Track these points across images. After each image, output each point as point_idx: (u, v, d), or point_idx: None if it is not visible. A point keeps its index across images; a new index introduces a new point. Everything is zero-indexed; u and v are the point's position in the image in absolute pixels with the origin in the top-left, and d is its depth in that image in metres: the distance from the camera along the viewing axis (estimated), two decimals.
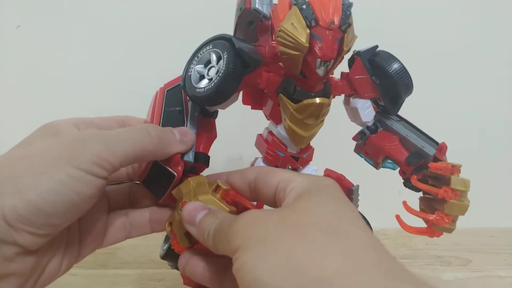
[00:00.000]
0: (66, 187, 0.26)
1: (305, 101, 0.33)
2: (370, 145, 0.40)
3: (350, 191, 0.41)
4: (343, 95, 0.39)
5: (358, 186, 0.42)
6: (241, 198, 0.32)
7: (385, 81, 0.35)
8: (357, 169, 0.41)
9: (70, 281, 0.49)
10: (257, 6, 0.33)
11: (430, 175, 0.37)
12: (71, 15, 0.61)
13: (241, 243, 0.24)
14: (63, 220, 0.28)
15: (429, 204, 0.38)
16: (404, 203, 0.38)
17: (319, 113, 0.34)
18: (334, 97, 0.37)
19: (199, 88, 0.32)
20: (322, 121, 0.36)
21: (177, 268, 0.40)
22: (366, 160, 0.41)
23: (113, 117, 0.35)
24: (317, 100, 0.33)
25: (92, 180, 0.27)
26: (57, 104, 0.61)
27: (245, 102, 0.38)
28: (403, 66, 0.35)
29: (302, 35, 0.29)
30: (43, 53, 0.62)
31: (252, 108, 0.39)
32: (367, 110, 0.39)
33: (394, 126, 0.39)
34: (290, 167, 0.39)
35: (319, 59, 0.30)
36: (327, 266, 0.21)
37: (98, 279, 0.50)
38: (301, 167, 0.39)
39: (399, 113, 0.40)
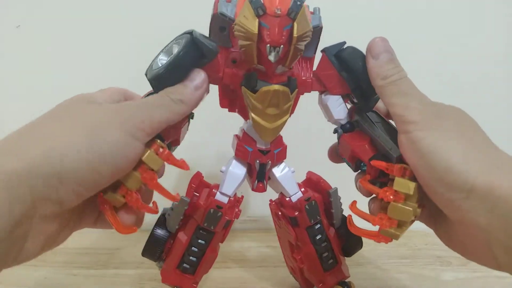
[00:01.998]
0: (117, 149, 0.30)
1: (263, 89, 0.35)
2: (342, 144, 0.40)
3: (328, 194, 0.41)
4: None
5: (336, 188, 0.42)
6: (172, 158, 0.34)
7: (353, 76, 0.36)
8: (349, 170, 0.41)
9: (71, 281, 0.49)
10: (222, 10, 0.34)
11: (392, 178, 0.35)
12: (71, 15, 0.61)
13: (421, 122, 0.32)
14: (106, 181, 0.31)
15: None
16: (353, 203, 0.37)
17: (278, 102, 0.35)
18: (302, 93, 0.39)
19: (155, 69, 0.34)
20: (286, 112, 0.37)
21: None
22: (344, 161, 0.41)
23: (118, 90, 0.38)
24: (275, 87, 0.35)
25: (137, 145, 0.31)
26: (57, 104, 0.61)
27: (222, 105, 0.40)
28: None
29: (251, 24, 0.31)
30: (43, 53, 0.62)
31: (229, 110, 0.40)
32: (338, 107, 0.39)
33: (366, 126, 0.38)
34: (258, 161, 0.39)
35: (268, 45, 0.31)
36: (487, 163, 0.30)
37: (99, 279, 0.50)
38: (270, 162, 0.40)
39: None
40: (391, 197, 0.34)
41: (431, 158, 0.31)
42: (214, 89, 0.39)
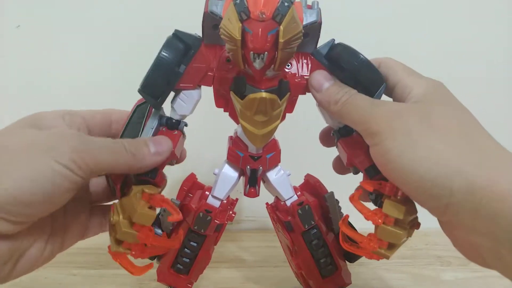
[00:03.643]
0: (45, 177, 0.27)
1: (250, 96, 0.33)
2: (339, 149, 0.39)
3: (324, 198, 0.41)
4: None
5: (332, 192, 0.41)
6: (167, 203, 0.33)
7: (349, 74, 0.34)
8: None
9: (71, 281, 0.49)
10: (212, 9, 0.33)
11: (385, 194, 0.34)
12: (71, 15, 0.61)
13: (384, 131, 0.30)
14: (38, 210, 0.28)
15: None
16: (345, 218, 0.36)
17: (266, 109, 0.34)
18: (297, 96, 0.37)
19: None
20: (276, 119, 0.35)
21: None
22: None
23: (98, 110, 0.37)
24: (262, 94, 0.33)
25: (69, 174, 0.28)
26: (56, 104, 0.61)
27: (218, 105, 0.38)
28: (363, 56, 0.34)
29: (234, 29, 0.29)
30: (43, 53, 0.62)
31: (224, 110, 0.39)
32: None
33: None
34: (249, 167, 0.38)
35: (252, 52, 0.30)
36: (465, 161, 0.27)
37: (99, 279, 0.50)
38: (261, 168, 0.39)
39: None
40: (380, 220, 0.33)
41: (403, 170, 0.29)
42: (208, 92, 0.38)
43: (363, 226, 0.37)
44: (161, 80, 0.33)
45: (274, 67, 0.32)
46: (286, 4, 0.29)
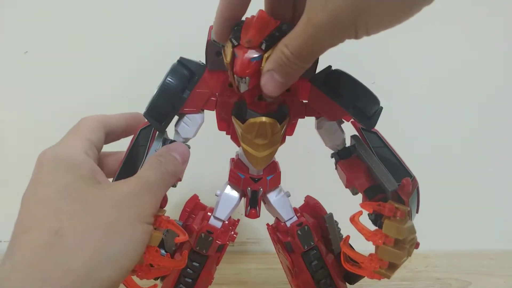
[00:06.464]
0: (140, 241, 0.30)
1: (250, 120, 0.34)
2: (339, 170, 0.40)
3: (323, 220, 0.41)
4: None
5: (331, 214, 0.42)
6: (172, 224, 0.34)
7: (346, 99, 0.35)
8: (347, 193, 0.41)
9: None
10: (214, 37, 0.34)
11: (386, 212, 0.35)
12: (79, 42, 0.63)
13: None
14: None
15: None
16: (346, 239, 0.37)
17: (266, 133, 0.35)
18: (296, 120, 0.38)
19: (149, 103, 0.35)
20: (276, 142, 0.36)
21: None
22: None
23: (91, 127, 0.37)
24: (262, 119, 0.34)
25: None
26: (64, 126, 0.62)
27: (220, 128, 0.39)
28: (359, 82, 0.35)
29: (227, 54, 0.31)
30: (50, 78, 0.63)
31: (227, 133, 0.40)
32: (334, 133, 0.38)
33: (362, 154, 0.37)
34: (250, 189, 0.39)
35: (235, 75, 0.31)
36: None
37: None
38: (262, 189, 0.40)
39: (390, 138, 0.38)
40: (380, 241, 0.33)
41: None
42: (211, 115, 0.39)
43: (362, 248, 0.38)
44: (166, 105, 0.35)
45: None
46: (277, 34, 0.30)
